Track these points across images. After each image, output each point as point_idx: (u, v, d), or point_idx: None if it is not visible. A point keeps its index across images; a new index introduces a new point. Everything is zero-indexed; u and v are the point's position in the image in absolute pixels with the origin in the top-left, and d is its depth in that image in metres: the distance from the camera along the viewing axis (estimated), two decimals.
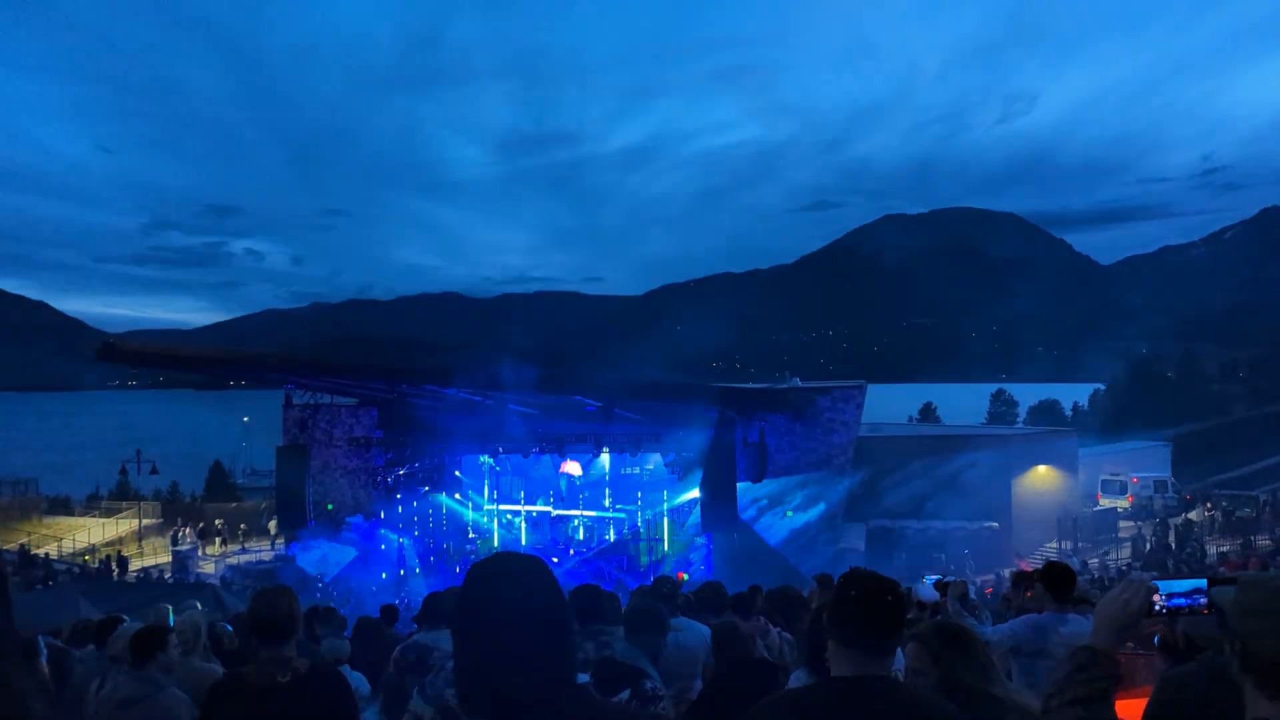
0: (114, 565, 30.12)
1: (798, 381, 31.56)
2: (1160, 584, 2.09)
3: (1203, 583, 2.09)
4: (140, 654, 4.55)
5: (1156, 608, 2.06)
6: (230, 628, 7.15)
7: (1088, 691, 1.95)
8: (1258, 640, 1.74)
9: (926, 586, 8.96)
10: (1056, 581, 5.52)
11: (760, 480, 27.55)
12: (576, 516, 30.28)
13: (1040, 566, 6.24)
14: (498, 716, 1.64)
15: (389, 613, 9.75)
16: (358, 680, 4.84)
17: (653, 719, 1.84)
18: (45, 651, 4.92)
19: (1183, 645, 3.36)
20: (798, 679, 3.84)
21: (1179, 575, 2.61)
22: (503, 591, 1.70)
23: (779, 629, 6.53)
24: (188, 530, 34.28)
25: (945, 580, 8.58)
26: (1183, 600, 2.07)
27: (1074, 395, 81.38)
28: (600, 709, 1.81)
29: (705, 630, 5.60)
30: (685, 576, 11.11)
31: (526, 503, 30.40)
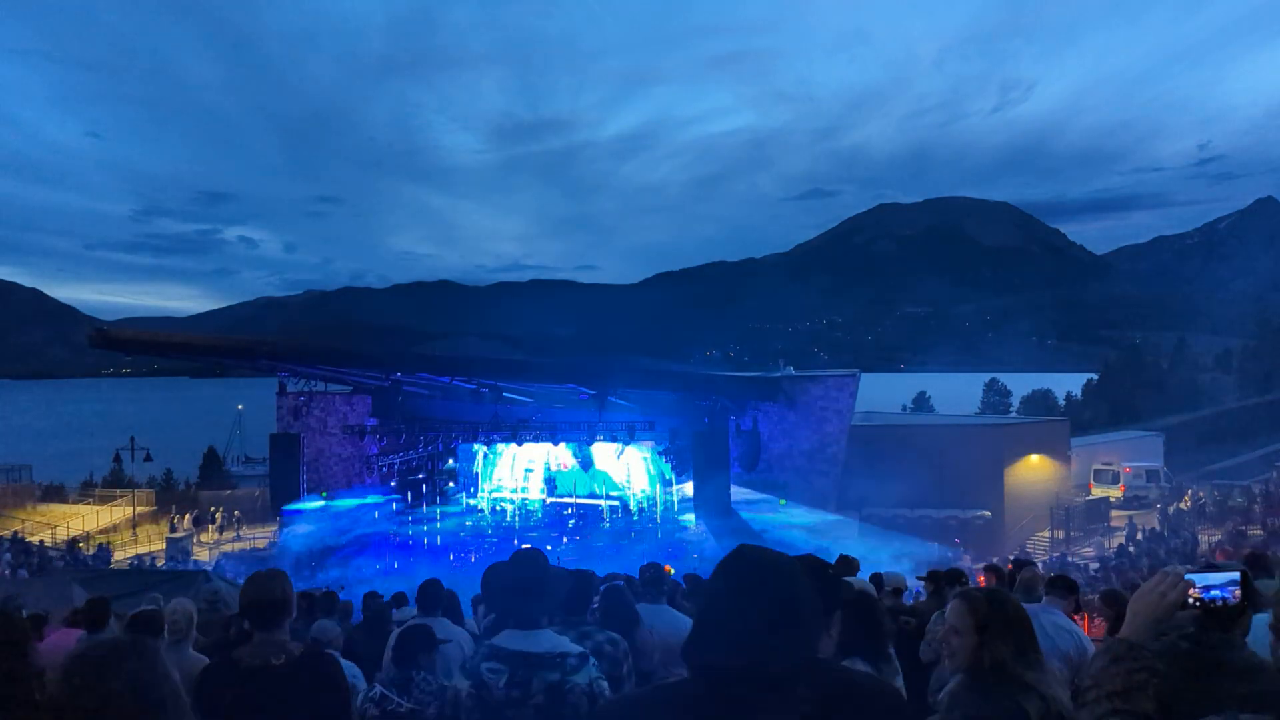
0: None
1: (791, 370, 31.54)
2: (1194, 576, 2.14)
3: (1236, 575, 2.16)
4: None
5: (1191, 601, 2.11)
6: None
7: (1125, 684, 1.96)
8: None
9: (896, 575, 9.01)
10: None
11: (754, 468, 27.61)
12: (570, 504, 30.33)
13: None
14: (732, 689, 1.71)
15: (399, 599, 9.66)
16: (348, 668, 4.80)
17: (888, 689, 1.94)
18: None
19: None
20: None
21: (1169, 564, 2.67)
22: (756, 576, 1.77)
23: None
24: (187, 517, 34.26)
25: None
26: (1218, 593, 2.14)
27: (1067, 385, 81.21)
28: (836, 678, 1.90)
29: (685, 620, 5.58)
30: (671, 570, 11.09)
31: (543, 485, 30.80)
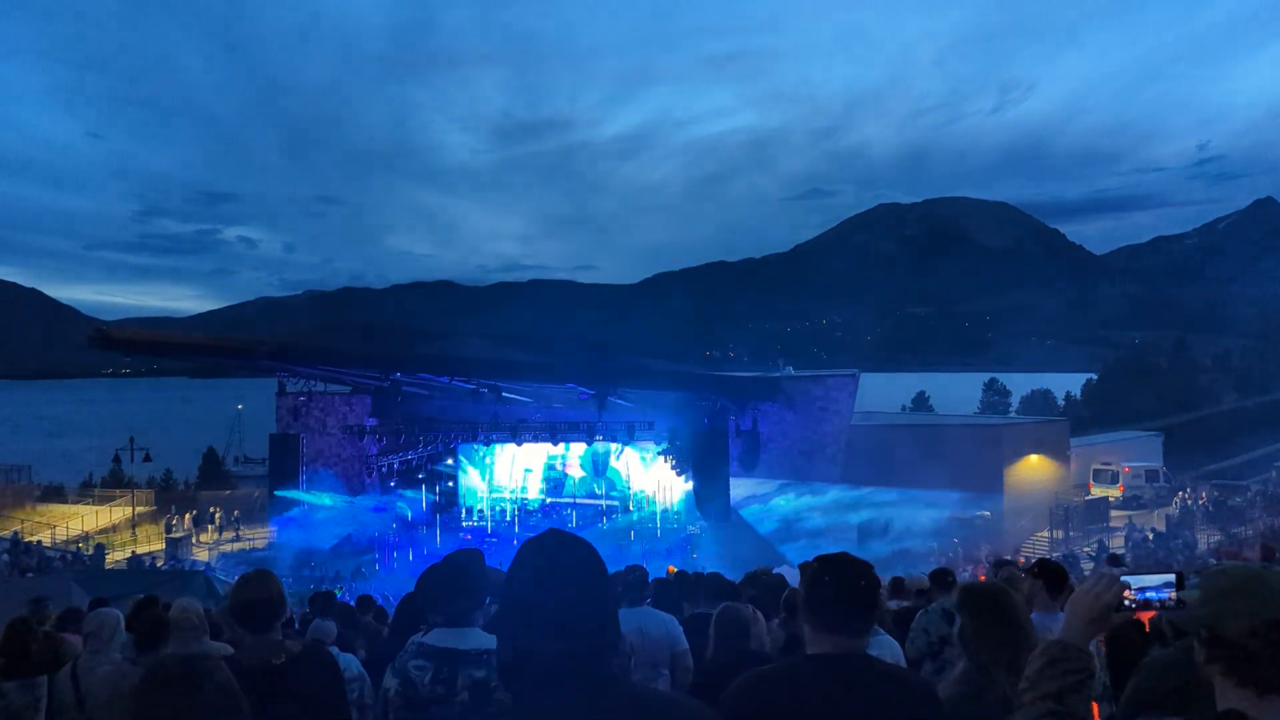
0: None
1: (791, 370, 31.56)
2: (1130, 579, 2.13)
3: (1171, 577, 2.14)
4: (147, 639, 4.56)
5: (1127, 602, 2.11)
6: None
7: (1061, 684, 1.97)
8: (1225, 622, 1.76)
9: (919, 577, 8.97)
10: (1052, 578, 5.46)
11: (753, 468, 27.59)
12: (570, 505, 30.34)
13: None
14: (534, 690, 1.69)
15: (364, 603, 9.65)
16: (348, 661, 4.85)
17: (697, 708, 1.88)
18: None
19: (1170, 634, 3.40)
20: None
21: (1172, 565, 2.67)
22: (553, 566, 1.74)
23: (779, 620, 6.36)
24: (186, 517, 34.25)
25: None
26: (1153, 594, 2.12)
27: (1066, 385, 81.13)
28: (637, 692, 1.86)
29: (669, 620, 5.60)
30: (675, 570, 11.09)
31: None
